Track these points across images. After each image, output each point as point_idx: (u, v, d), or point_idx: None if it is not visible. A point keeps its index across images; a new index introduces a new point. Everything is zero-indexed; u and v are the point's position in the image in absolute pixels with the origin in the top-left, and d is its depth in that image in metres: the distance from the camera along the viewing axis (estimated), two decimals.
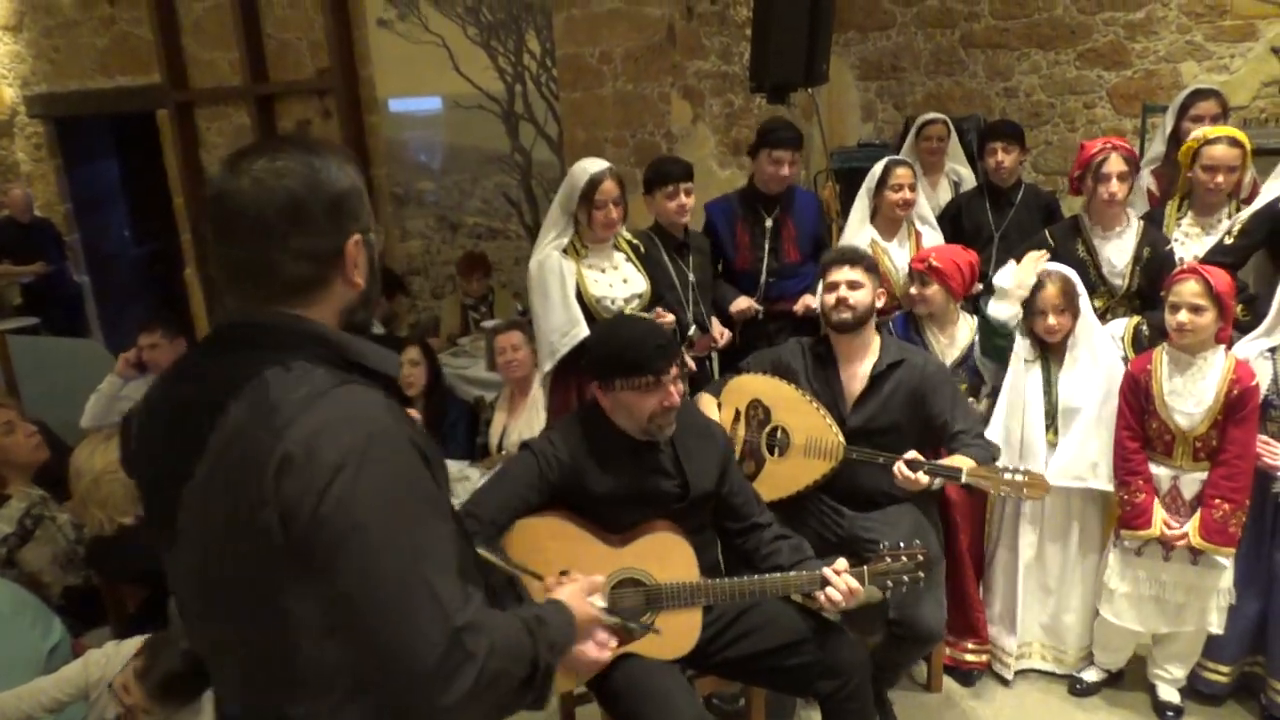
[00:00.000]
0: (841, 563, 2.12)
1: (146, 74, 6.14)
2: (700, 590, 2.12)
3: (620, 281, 3.10)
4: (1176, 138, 3.51)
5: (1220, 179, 3.12)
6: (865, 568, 2.14)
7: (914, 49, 6.21)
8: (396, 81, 5.72)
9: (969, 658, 2.97)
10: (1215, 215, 3.21)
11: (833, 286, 2.70)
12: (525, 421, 3.53)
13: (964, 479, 2.44)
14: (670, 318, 3.16)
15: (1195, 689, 2.81)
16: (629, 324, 2.35)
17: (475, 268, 5.14)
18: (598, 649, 1.53)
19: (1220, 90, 3.73)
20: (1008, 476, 2.41)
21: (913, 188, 3.42)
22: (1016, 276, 2.83)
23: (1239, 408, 2.53)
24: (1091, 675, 2.91)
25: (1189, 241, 3.21)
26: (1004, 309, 2.85)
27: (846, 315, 2.68)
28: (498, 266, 5.52)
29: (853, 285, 2.67)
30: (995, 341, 2.93)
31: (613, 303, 3.06)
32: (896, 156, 3.59)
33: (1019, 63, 5.93)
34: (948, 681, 2.96)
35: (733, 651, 2.22)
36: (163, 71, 5.92)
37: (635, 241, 3.23)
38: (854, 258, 2.71)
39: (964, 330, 3.05)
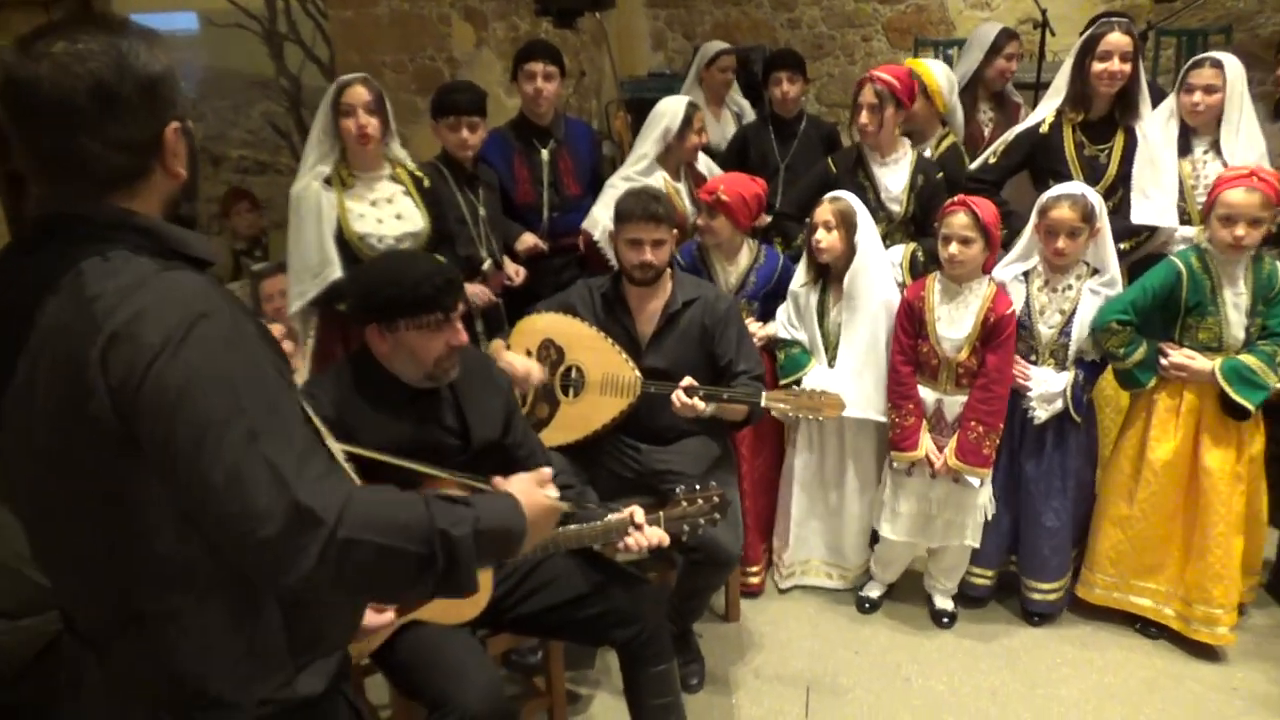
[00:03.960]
0: (638, 513, 2.07)
1: None
2: None
3: (393, 217, 2.84)
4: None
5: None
6: (661, 513, 2.10)
7: None
8: None
9: (749, 580, 3.12)
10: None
11: (636, 244, 2.60)
12: (300, 376, 3.26)
13: (764, 401, 2.51)
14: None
15: (963, 593, 3.02)
16: (411, 259, 2.18)
17: (238, 201, 4.68)
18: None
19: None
20: (805, 398, 2.50)
21: (704, 129, 3.45)
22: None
23: (996, 334, 2.68)
24: (875, 591, 3.06)
25: None
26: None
27: (650, 275, 2.62)
28: (268, 204, 5.05)
29: (657, 244, 2.59)
30: None
31: (380, 240, 2.81)
32: (691, 100, 3.52)
33: None
34: (745, 610, 3.03)
35: (526, 608, 2.14)
36: None
37: (419, 174, 2.96)
38: (658, 214, 2.58)
39: (745, 257, 3.06)
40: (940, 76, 3.40)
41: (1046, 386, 2.70)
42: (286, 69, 5.14)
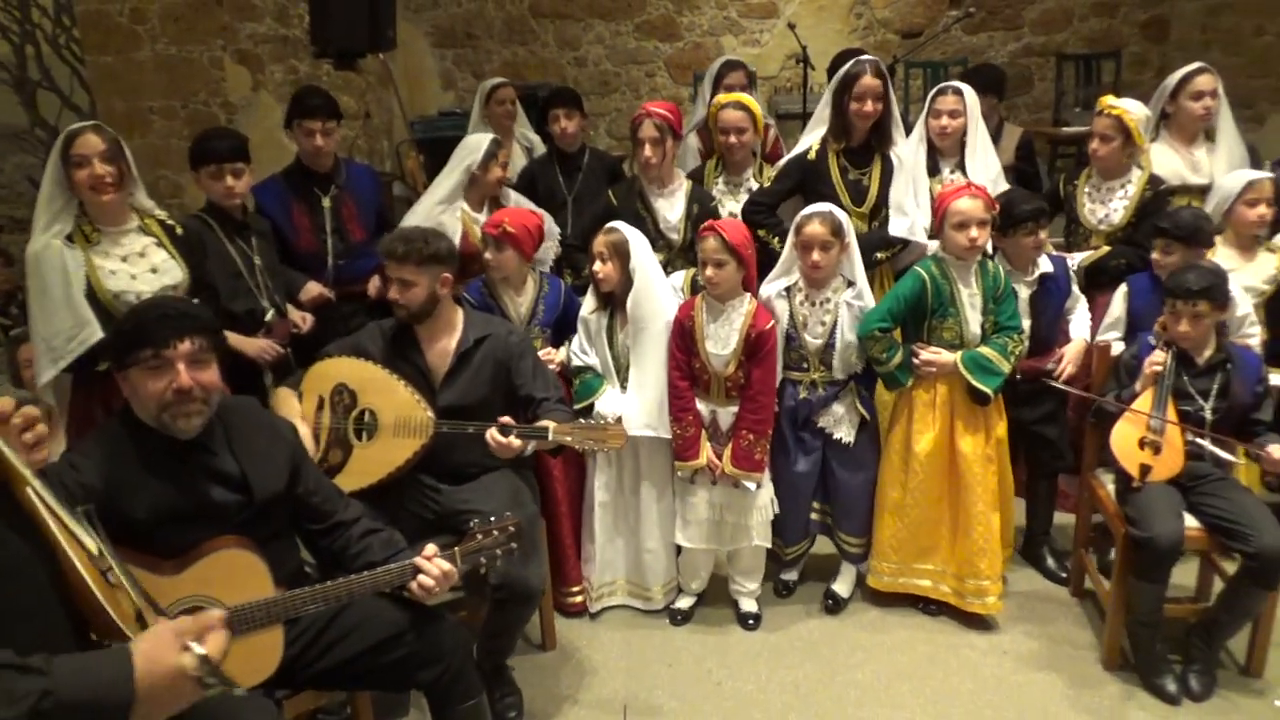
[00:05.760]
0: (431, 548, 2.07)
1: None
2: (278, 606, 1.94)
3: (148, 271, 2.71)
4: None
5: (732, 139, 3.48)
6: (457, 548, 2.10)
7: (486, 16, 6.24)
8: None
9: (572, 600, 3.18)
10: (742, 175, 3.58)
11: (388, 280, 2.65)
12: (56, 451, 3.01)
13: (551, 437, 2.54)
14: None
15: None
16: (154, 300, 2.15)
17: None
18: None
19: (745, 62, 4.20)
20: (590, 431, 2.56)
21: (507, 164, 3.53)
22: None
23: (758, 349, 2.87)
24: (685, 603, 3.18)
25: (726, 200, 3.56)
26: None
27: (402, 313, 2.65)
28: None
29: (405, 285, 2.61)
30: None
31: (137, 298, 2.64)
32: (497, 137, 3.57)
33: (585, 33, 6.20)
34: (561, 635, 3.06)
35: (325, 661, 2.07)
36: None
37: (171, 222, 2.83)
38: (396, 252, 2.59)
39: (531, 287, 3.13)
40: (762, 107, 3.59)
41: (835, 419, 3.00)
42: (42, 118, 4.80)
